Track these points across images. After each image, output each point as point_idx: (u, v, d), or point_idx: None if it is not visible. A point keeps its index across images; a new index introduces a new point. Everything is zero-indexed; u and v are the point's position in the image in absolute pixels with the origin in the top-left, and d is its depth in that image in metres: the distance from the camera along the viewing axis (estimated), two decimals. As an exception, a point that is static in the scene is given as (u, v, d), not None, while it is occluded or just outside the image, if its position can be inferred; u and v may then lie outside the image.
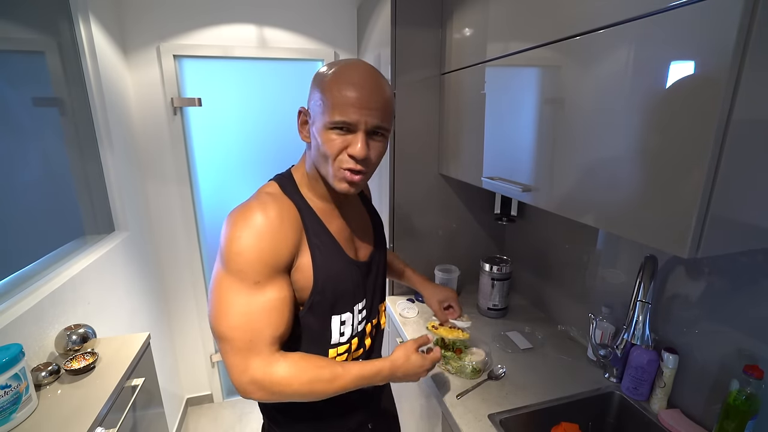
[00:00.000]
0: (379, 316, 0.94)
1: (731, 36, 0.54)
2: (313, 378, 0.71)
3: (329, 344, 0.81)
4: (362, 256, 0.87)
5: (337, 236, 0.80)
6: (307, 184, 0.80)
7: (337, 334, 0.81)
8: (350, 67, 0.70)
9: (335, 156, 0.70)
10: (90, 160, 1.51)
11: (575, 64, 0.82)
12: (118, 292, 1.50)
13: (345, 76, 0.68)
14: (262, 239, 0.68)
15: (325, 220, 0.78)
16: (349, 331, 0.83)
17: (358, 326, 0.86)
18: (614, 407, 1.09)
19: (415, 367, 0.82)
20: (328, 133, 0.69)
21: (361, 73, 0.69)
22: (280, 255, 0.70)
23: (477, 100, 1.22)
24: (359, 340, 0.87)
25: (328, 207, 0.81)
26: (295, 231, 0.73)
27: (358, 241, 0.87)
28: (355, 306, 0.83)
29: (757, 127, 0.59)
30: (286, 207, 0.74)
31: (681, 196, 0.63)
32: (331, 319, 0.80)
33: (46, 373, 0.94)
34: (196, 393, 2.27)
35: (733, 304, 0.87)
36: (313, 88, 0.73)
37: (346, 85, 0.67)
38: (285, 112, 1.98)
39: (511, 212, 1.60)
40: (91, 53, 1.44)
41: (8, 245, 1.21)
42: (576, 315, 1.36)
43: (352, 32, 1.95)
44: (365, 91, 0.68)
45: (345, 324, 0.82)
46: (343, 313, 0.81)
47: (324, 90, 0.69)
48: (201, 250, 2.05)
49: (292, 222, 0.73)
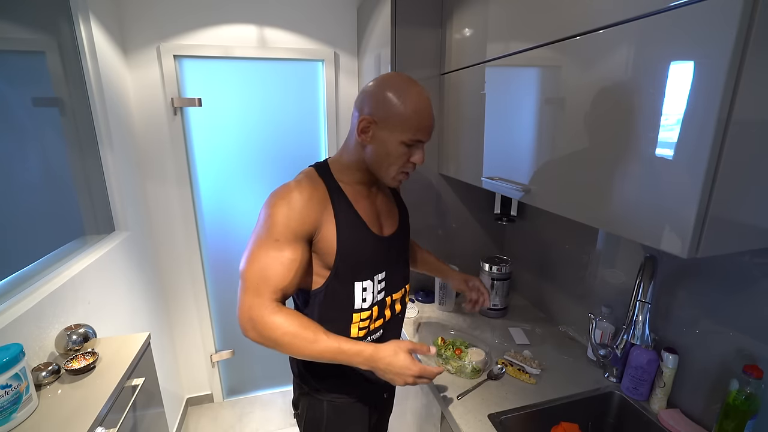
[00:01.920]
0: (404, 295, 1.06)
1: (731, 36, 0.54)
2: (297, 333, 0.80)
3: (353, 308, 0.94)
4: (386, 232, 1.00)
5: (362, 214, 0.93)
6: (343, 171, 0.94)
7: (359, 299, 0.94)
8: (420, 94, 0.86)
9: (404, 164, 0.89)
10: (90, 160, 1.51)
11: (575, 64, 0.82)
12: (118, 292, 1.50)
13: (421, 104, 0.86)
14: (292, 209, 0.83)
15: (353, 200, 0.92)
16: (371, 298, 0.96)
17: (378, 295, 0.98)
18: (614, 407, 1.09)
19: (400, 367, 0.82)
20: (401, 146, 0.86)
21: (427, 101, 0.87)
22: (303, 224, 0.84)
23: (477, 100, 1.22)
24: (379, 309, 0.99)
25: (359, 190, 0.95)
26: (321, 207, 0.87)
27: (384, 219, 1.00)
28: (375, 276, 0.96)
29: (757, 127, 0.59)
30: (318, 187, 0.89)
31: (680, 196, 0.63)
32: (354, 285, 0.93)
33: (47, 372, 0.94)
34: (196, 393, 2.27)
35: (733, 304, 0.88)
36: (384, 103, 0.85)
37: (424, 113, 0.86)
38: (285, 112, 1.98)
39: (511, 212, 1.60)
40: (92, 53, 1.44)
41: (9, 245, 1.21)
42: (576, 315, 1.36)
43: (352, 32, 1.95)
44: (431, 117, 0.88)
45: (366, 291, 0.95)
46: (365, 280, 0.94)
47: (404, 112, 0.84)
48: (201, 250, 2.05)
49: (320, 199, 0.87)
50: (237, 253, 2.09)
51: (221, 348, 2.23)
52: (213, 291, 2.14)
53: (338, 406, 1.01)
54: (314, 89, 2.00)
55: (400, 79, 0.88)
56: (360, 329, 0.97)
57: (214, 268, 2.11)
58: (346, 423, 1.04)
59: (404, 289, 1.06)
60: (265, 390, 2.38)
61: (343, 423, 1.03)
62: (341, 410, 1.02)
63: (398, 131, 0.85)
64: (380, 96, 0.85)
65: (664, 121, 0.64)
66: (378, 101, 0.85)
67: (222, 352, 2.22)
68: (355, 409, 1.04)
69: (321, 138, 2.07)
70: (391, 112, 0.84)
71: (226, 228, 2.05)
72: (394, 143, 0.86)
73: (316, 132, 2.06)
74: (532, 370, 1.16)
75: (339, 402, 1.01)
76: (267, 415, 2.21)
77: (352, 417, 1.04)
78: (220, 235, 2.06)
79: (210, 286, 2.12)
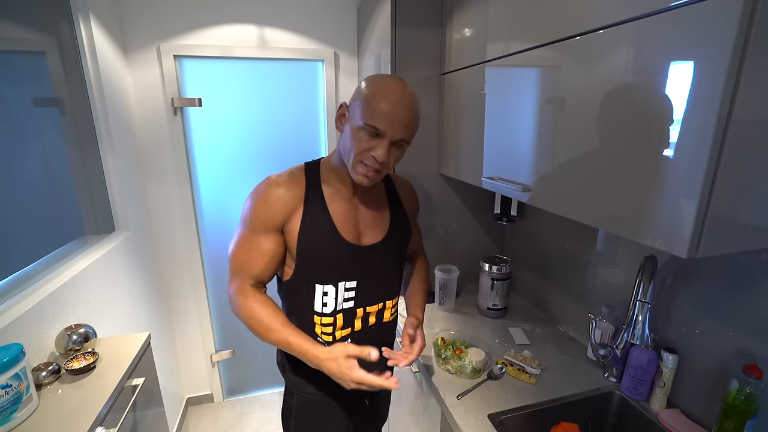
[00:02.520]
0: (383, 309, 1.01)
1: (731, 36, 0.54)
2: (257, 317, 0.88)
3: (313, 311, 0.94)
4: (365, 241, 0.96)
5: (336, 217, 0.92)
6: (329, 171, 0.94)
7: (319, 303, 0.94)
8: (392, 84, 0.84)
9: (360, 152, 0.84)
10: (90, 160, 1.51)
11: (575, 64, 0.82)
12: (118, 292, 1.50)
13: (385, 90, 0.83)
14: (264, 200, 0.89)
15: (329, 201, 0.92)
16: (332, 305, 0.94)
17: (344, 303, 0.95)
18: (614, 407, 1.09)
19: (338, 372, 0.83)
20: (359, 131, 0.83)
21: (398, 91, 0.83)
22: (272, 215, 0.89)
23: (477, 101, 1.22)
24: (345, 318, 0.96)
25: (340, 191, 0.94)
26: (293, 201, 0.89)
27: (364, 226, 0.97)
28: (340, 282, 0.94)
29: (757, 127, 0.59)
30: (296, 182, 0.91)
31: (680, 196, 0.63)
32: (315, 286, 0.93)
33: (47, 372, 0.94)
34: (196, 393, 2.27)
35: (733, 304, 0.88)
36: (357, 91, 0.86)
37: (384, 98, 0.81)
38: (285, 112, 1.98)
39: (511, 212, 1.60)
40: (92, 53, 1.44)
41: (9, 245, 1.21)
42: (576, 315, 1.36)
43: (352, 32, 1.95)
44: (397, 108, 0.81)
45: (327, 296, 0.93)
46: (326, 284, 0.93)
47: (365, 96, 0.83)
48: (201, 250, 2.05)
49: (293, 194, 0.90)
50: (237, 253, 2.08)
51: (221, 348, 2.23)
52: (213, 291, 2.14)
53: (306, 400, 1.03)
54: (314, 89, 2.00)
55: (385, 75, 0.90)
56: (324, 333, 0.96)
57: (214, 268, 2.11)
58: (314, 416, 1.05)
59: (383, 304, 1.00)
60: (265, 390, 2.38)
61: (310, 417, 1.05)
62: (309, 405, 1.03)
63: (358, 115, 0.83)
64: (359, 86, 0.88)
65: (664, 121, 0.64)
66: (356, 90, 0.88)
67: (222, 352, 2.22)
68: (325, 405, 1.03)
69: (321, 138, 2.07)
70: (358, 95, 0.85)
71: (226, 228, 2.05)
72: (355, 128, 0.84)
73: (316, 132, 2.06)
74: (532, 370, 1.16)
75: (308, 397, 1.02)
76: (267, 415, 2.21)
77: (320, 413, 1.04)
78: (220, 235, 2.06)
79: (210, 286, 2.12)
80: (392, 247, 1.01)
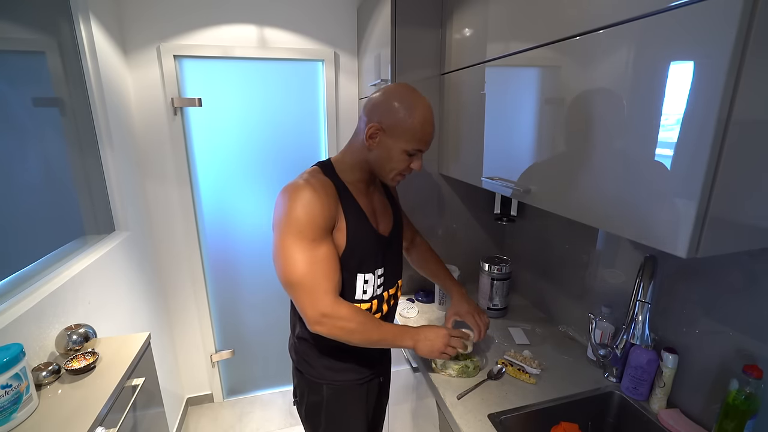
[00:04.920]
0: (396, 290, 1.13)
1: (731, 36, 0.54)
2: (366, 319, 0.93)
3: (354, 299, 1.00)
4: (383, 230, 1.05)
5: (364, 209, 0.99)
6: (346, 170, 1.00)
7: (360, 290, 1.01)
8: (427, 107, 0.93)
9: (403, 169, 0.97)
10: (90, 160, 1.51)
11: (575, 64, 0.82)
12: (118, 292, 1.50)
13: (426, 117, 0.93)
14: (313, 207, 0.88)
15: (356, 197, 0.99)
16: (371, 291, 1.02)
17: (378, 289, 1.04)
18: (614, 407, 1.09)
19: (439, 336, 1.01)
20: (403, 153, 0.94)
21: (431, 112, 0.94)
22: (326, 219, 0.91)
23: (477, 101, 1.22)
24: (378, 303, 1.05)
25: (358, 188, 1.01)
26: (334, 201, 0.93)
27: (380, 217, 1.06)
28: (376, 270, 1.02)
29: (756, 127, 0.60)
30: (327, 183, 0.95)
31: (680, 196, 0.63)
32: (357, 276, 0.99)
33: (47, 372, 0.95)
34: (196, 393, 2.27)
35: (733, 304, 0.88)
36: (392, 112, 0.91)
37: (429, 124, 0.93)
38: (285, 112, 1.98)
39: (511, 212, 1.60)
40: (92, 53, 1.44)
41: (9, 245, 1.21)
42: (576, 315, 1.36)
43: (352, 32, 1.95)
44: (433, 130, 0.96)
45: (368, 283, 1.01)
46: (367, 273, 1.01)
47: (412, 125, 0.91)
48: (201, 250, 2.05)
49: (331, 194, 0.93)
50: (237, 253, 2.09)
51: (221, 348, 2.23)
52: (213, 291, 2.14)
53: (337, 388, 1.07)
54: (314, 89, 2.00)
55: (407, 91, 0.94)
56: None
57: (214, 268, 2.11)
58: (345, 404, 1.08)
59: (396, 285, 1.13)
60: (265, 390, 2.37)
61: (342, 404, 1.08)
62: (341, 392, 1.07)
63: (403, 141, 0.92)
64: (389, 106, 0.92)
65: (664, 121, 0.64)
66: (387, 111, 0.92)
67: (222, 352, 2.22)
68: (354, 390, 1.09)
69: (321, 138, 2.07)
70: (399, 122, 0.91)
71: (226, 228, 2.05)
72: (397, 150, 0.93)
73: (316, 132, 2.06)
74: (532, 370, 1.16)
75: (338, 384, 1.06)
76: (267, 415, 2.21)
77: (351, 398, 1.09)
78: (220, 235, 2.06)
79: (210, 285, 2.13)
80: (400, 232, 1.14)
